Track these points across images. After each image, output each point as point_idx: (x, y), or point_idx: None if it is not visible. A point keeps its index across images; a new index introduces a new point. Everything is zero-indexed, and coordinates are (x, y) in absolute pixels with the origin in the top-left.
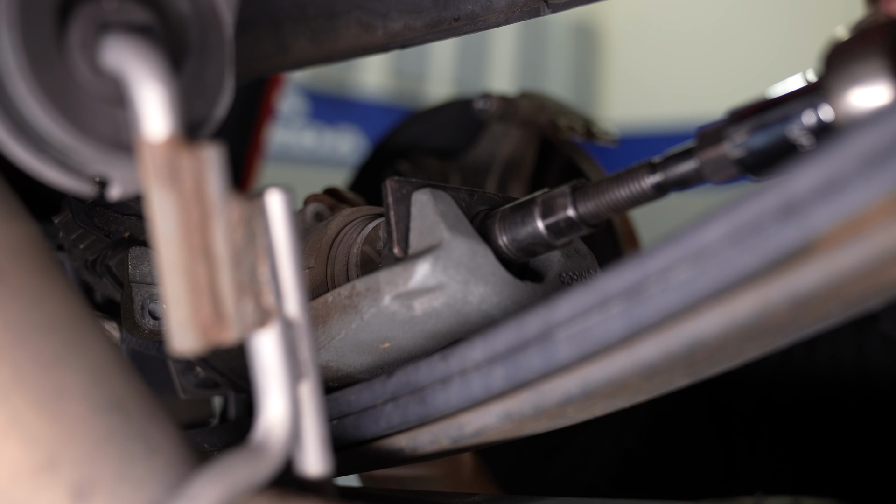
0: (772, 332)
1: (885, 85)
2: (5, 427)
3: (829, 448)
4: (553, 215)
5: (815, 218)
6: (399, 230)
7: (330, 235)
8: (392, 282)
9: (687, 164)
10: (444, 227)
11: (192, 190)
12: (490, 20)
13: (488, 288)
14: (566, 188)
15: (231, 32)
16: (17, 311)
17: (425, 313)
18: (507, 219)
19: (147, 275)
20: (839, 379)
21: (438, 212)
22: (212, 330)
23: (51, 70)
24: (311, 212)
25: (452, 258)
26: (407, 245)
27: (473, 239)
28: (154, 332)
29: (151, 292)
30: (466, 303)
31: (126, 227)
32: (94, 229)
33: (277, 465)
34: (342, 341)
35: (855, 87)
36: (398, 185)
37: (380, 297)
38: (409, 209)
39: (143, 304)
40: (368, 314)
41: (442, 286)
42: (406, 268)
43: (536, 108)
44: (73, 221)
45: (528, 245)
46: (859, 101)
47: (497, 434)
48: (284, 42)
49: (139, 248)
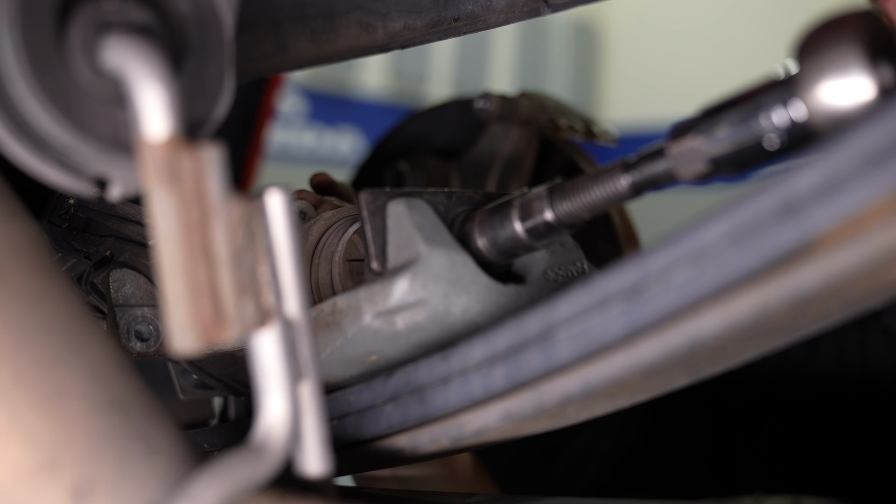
0: (772, 332)
1: (860, 76)
2: (6, 427)
3: (829, 447)
4: (531, 218)
5: (815, 218)
6: (376, 244)
7: (312, 242)
8: (371, 300)
9: (659, 163)
10: (420, 241)
11: (193, 190)
12: (490, 20)
13: (470, 298)
14: (543, 190)
15: (231, 32)
16: (18, 311)
17: (409, 328)
18: (486, 221)
19: (130, 297)
20: (841, 377)
21: (414, 223)
22: (212, 330)
23: (51, 70)
24: (295, 210)
25: (431, 272)
26: (385, 259)
27: (452, 249)
28: (142, 353)
29: (136, 315)
30: (449, 314)
31: (106, 247)
32: (74, 252)
33: (277, 465)
34: (328, 357)
35: (826, 79)
36: (372, 198)
37: (361, 315)
38: (385, 221)
39: (129, 328)
40: (351, 332)
41: (423, 301)
42: (384, 285)
43: (536, 107)
44: (51, 247)
45: (509, 248)
46: (831, 96)
47: (497, 434)
48: (284, 42)
49: (120, 272)
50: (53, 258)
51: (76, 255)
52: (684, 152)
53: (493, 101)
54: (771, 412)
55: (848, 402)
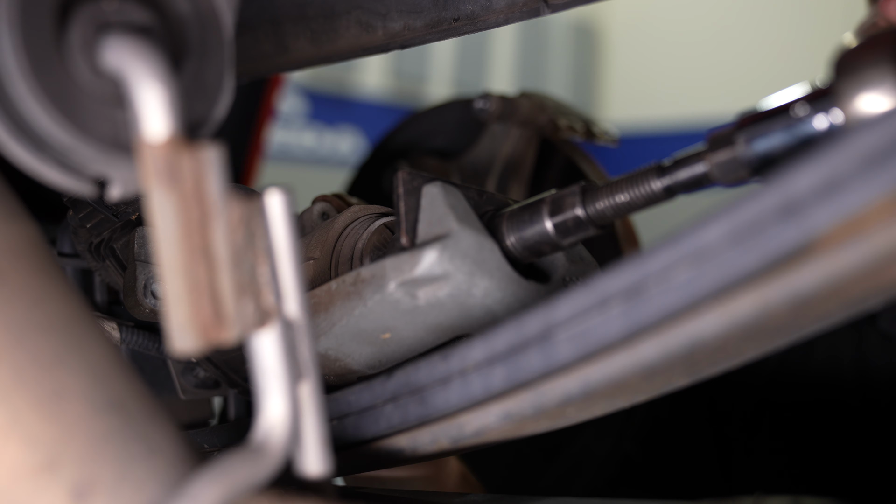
0: (772, 333)
1: (893, 90)
2: (5, 427)
3: (827, 450)
4: (561, 214)
5: (815, 218)
6: (408, 221)
7: (337, 230)
8: (398, 268)
9: (696, 167)
10: (453, 218)
11: (192, 190)
12: (490, 20)
13: (493, 282)
14: (576, 188)
15: (231, 33)
16: (18, 312)
17: (429, 303)
18: (515, 217)
19: (151, 256)
20: (837, 379)
21: (448, 204)
22: (212, 330)
23: (51, 70)
24: (318, 211)
25: (460, 249)
26: (415, 236)
27: (481, 233)
28: (155, 311)
29: (154, 272)
30: (470, 295)
31: (134, 208)
32: (104, 208)
33: (277, 465)
34: (343, 328)
35: (865, 92)
36: (410, 177)
37: (385, 284)
38: (419, 201)
39: (147, 283)
40: (372, 301)
41: (447, 276)
42: (413, 255)
43: (536, 108)
44: (82, 197)
45: (535, 244)
46: (869, 106)
47: (497, 434)
48: (284, 42)
49: (145, 229)
50: (54, 258)
51: (105, 210)
52: (725, 159)
53: (492, 101)
54: (767, 415)
55: (845, 405)
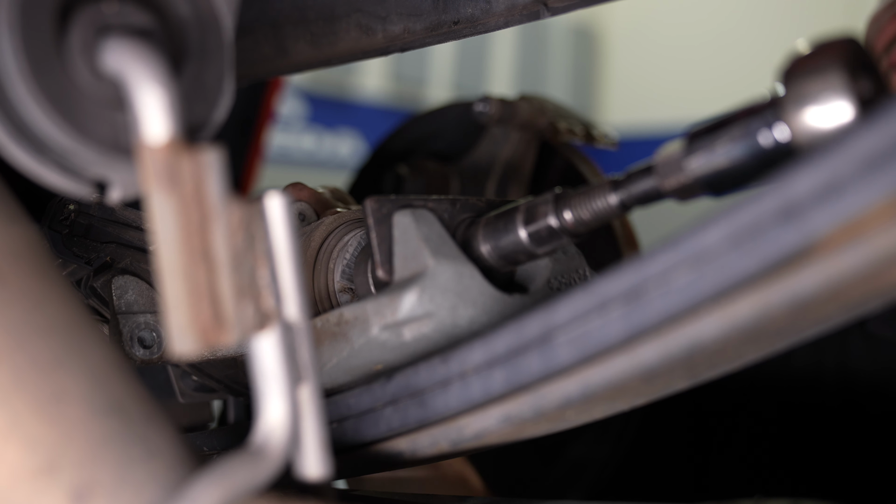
0: (771, 336)
1: (843, 101)
2: (5, 430)
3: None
4: (535, 223)
5: (815, 221)
6: (382, 251)
7: (314, 248)
8: (379, 312)
9: (647, 182)
10: (427, 253)
11: (192, 193)
12: (490, 23)
13: (477, 310)
14: (549, 195)
15: (231, 35)
16: (17, 314)
17: (415, 339)
18: (490, 226)
19: (133, 304)
20: (819, 381)
21: (421, 236)
22: (211, 333)
23: (51, 73)
24: (295, 213)
25: (439, 285)
26: (391, 267)
27: (458, 261)
28: (145, 360)
29: (138, 322)
30: (456, 326)
31: (106, 253)
32: (74, 258)
33: (277, 468)
34: (335, 368)
35: (811, 105)
36: (378, 205)
37: (368, 327)
38: (391, 229)
39: (132, 335)
40: (358, 343)
41: (430, 314)
42: (392, 298)
43: (536, 111)
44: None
45: (511, 253)
46: (816, 120)
47: (497, 437)
48: (284, 45)
49: (122, 278)
50: (53, 261)
51: (77, 260)
52: (673, 174)
53: (492, 104)
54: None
55: (826, 407)
